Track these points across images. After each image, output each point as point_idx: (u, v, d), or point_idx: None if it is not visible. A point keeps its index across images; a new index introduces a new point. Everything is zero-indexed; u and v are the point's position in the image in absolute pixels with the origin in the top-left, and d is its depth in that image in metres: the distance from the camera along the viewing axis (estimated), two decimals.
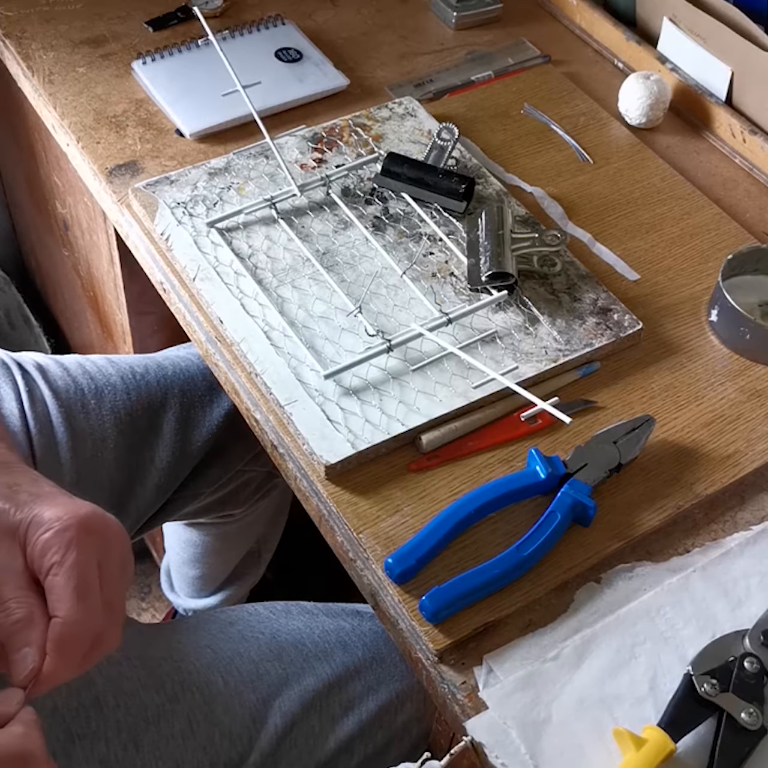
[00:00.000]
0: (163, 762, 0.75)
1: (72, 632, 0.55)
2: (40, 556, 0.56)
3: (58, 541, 0.56)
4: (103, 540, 0.58)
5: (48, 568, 0.56)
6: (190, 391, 0.98)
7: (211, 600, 1.29)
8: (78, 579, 0.55)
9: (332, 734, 0.80)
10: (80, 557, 0.56)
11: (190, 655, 0.80)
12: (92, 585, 0.56)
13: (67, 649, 0.55)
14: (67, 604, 0.55)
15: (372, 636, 0.86)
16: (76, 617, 0.55)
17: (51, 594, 0.55)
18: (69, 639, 0.55)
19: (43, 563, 0.56)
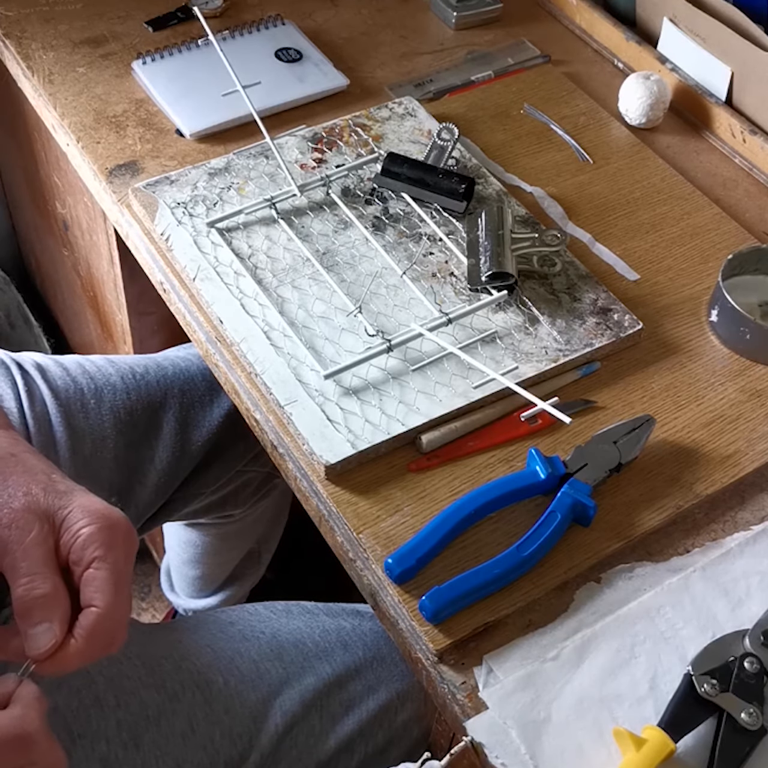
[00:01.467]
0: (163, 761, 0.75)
1: (105, 623, 0.57)
2: (81, 547, 0.57)
3: (102, 537, 0.58)
4: (132, 547, 0.61)
5: (90, 561, 0.57)
6: (189, 391, 0.98)
7: (211, 600, 1.29)
8: (117, 576, 0.57)
9: (333, 734, 0.80)
10: (120, 557, 0.58)
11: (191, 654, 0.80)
12: (127, 584, 0.59)
13: (96, 638, 0.57)
14: (107, 597, 0.57)
15: (372, 636, 0.86)
16: (111, 610, 0.57)
17: (89, 585, 0.57)
18: (100, 629, 0.57)
19: (84, 555, 0.57)
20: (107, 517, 0.59)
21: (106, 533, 0.58)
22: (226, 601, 1.29)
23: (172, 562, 1.31)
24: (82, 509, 0.59)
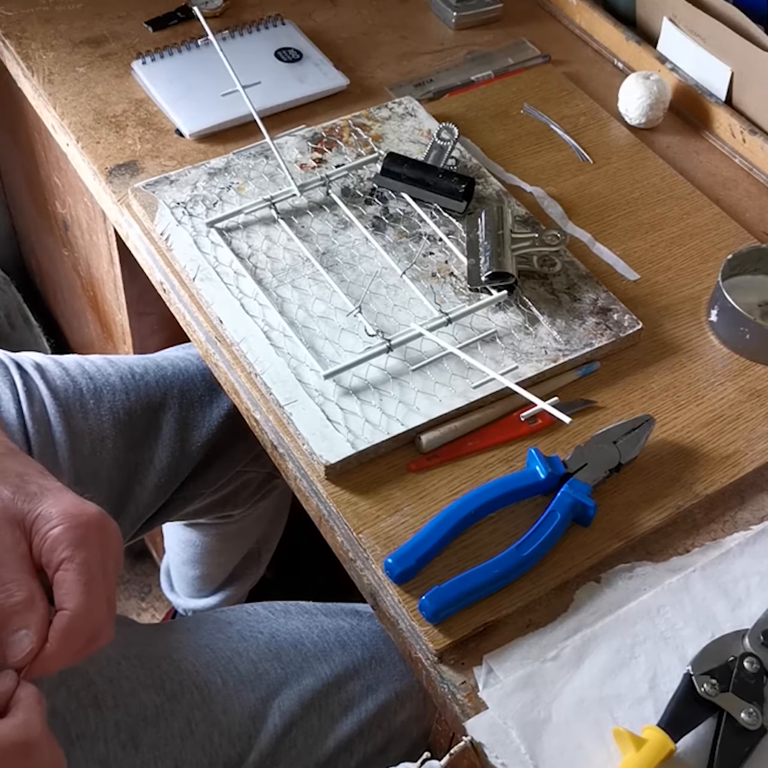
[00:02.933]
0: (162, 762, 0.75)
1: (78, 624, 0.56)
2: (50, 549, 0.57)
3: (69, 537, 0.57)
4: (107, 541, 0.60)
5: (58, 563, 0.57)
6: (189, 391, 0.98)
7: (210, 600, 1.29)
8: (88, 575, 0.57)
9: (332, 734, 0.80)
10: (90, 555, 0.57)
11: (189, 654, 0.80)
12: (99, 582, 0.58)
13: (70, 640, 0.56)
14: (77, 598, 0.56)
15: (371, 635, 0.86)
16: (83, 611, 0.56)
17: (60, 587, 0.57)
18: (74, 631, 0.56)
19: (53, 557, 0.57)
20: (75, 516, 0.58)
21: (73, 532, 0.57)
22: (226, 600, 1.29)
23: (171, 562, 1.31)
24: (52, 509, 0.58)
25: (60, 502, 0.59)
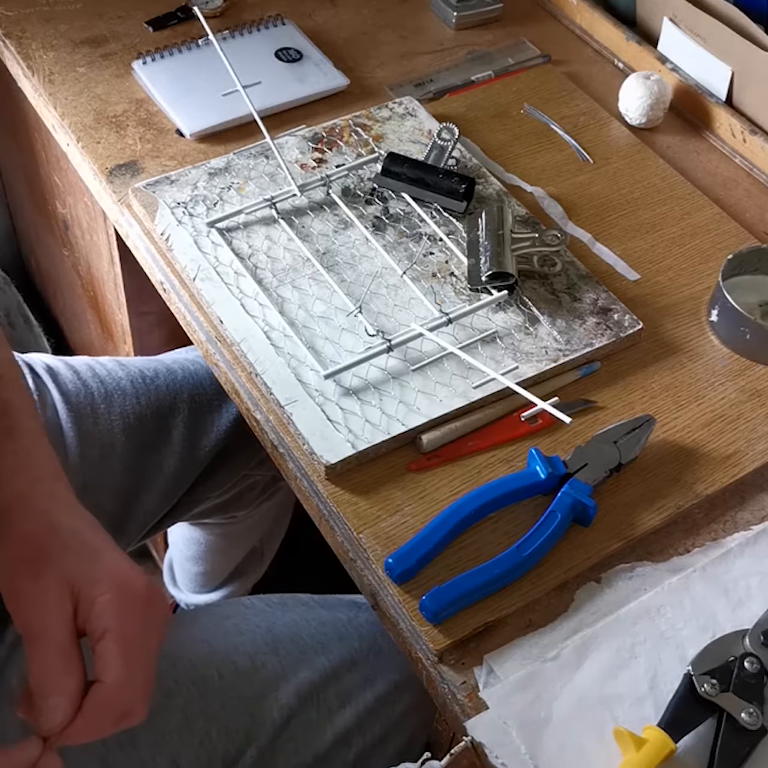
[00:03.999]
0: (160, 758, 0.74)
1: (113, 700, 0.55)
2: (97, 616, 0.56)
3: (115, 606, 0.56)
4: (153, 616, 0.59)
5: (102, 632, 0.55)
6: (199, 395, 0.98)
7: (213, 596, 1.29)
8: (130, 651, 0.56)
9: (330, 726, 0.80)
10: (134, 629, 0.56)
11: (186, 650, 0.79)
12: (140, 659, 0.57)
13: (102, 715, 0.55)
14: (116, 672, 0.55)
15: (369, 627, 0.85)
16: (120, 687, 0.55)
17: (100, 658, 0.55)
18: (108, 706, 0.55)
19: (97, 626, 0.56)
20: (123, 586, 0.57)
21: (120, 603, 0.56)
22: (228, 596, 1.29)
23: (175, 557, 1.31)
24: (101, 575, 0.57)
25: (111, 569, 0.57)
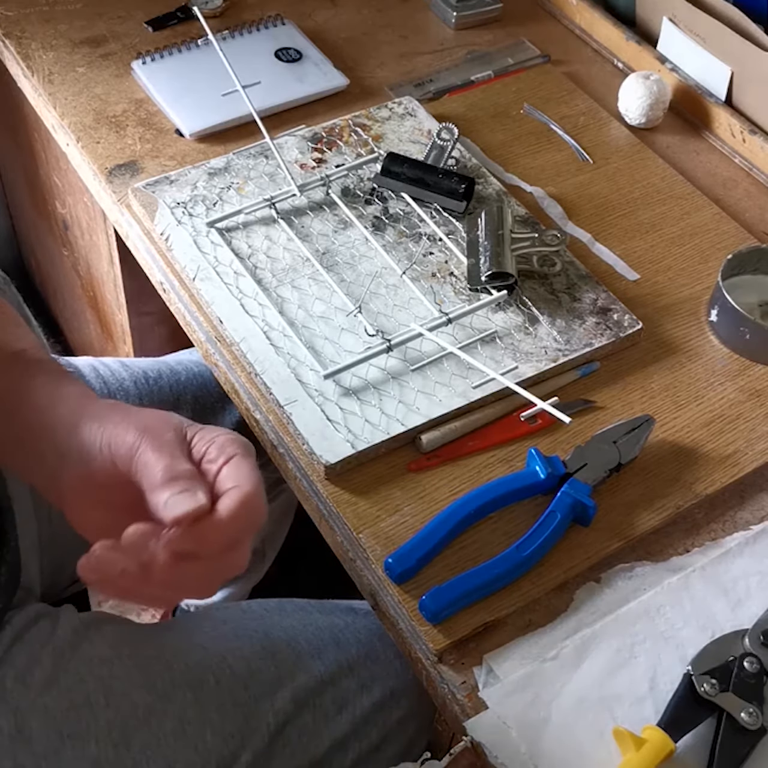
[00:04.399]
0: (154, 761, 0.74)
1: (251, 502, 0.55)
2: (221, 445, 0.57)
3: (238, 443, 0.58)
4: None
5: (231, 455, 0.57)
6: (202, 397, 0.98)
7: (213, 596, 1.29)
8: (257, 471, 0.57)
9: (326, 732, 0.80)
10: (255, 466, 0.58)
11: (182, 653, 0.79)
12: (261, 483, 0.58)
13: (241, 516, 0.55)
14: (254, 479, 0.56)
15: (366, 633, 0.85)
16: (257, 492, 0.56)
17: (235, 470, 0.56)
18: (246, 507, 0.55)
19: (225, 451, 0.57)
20: (238, 437, 0.59)
21: (240, 443, 0.58)
22: (230, 597, 1.29)
23: None
24: (212, 429, 0.59)
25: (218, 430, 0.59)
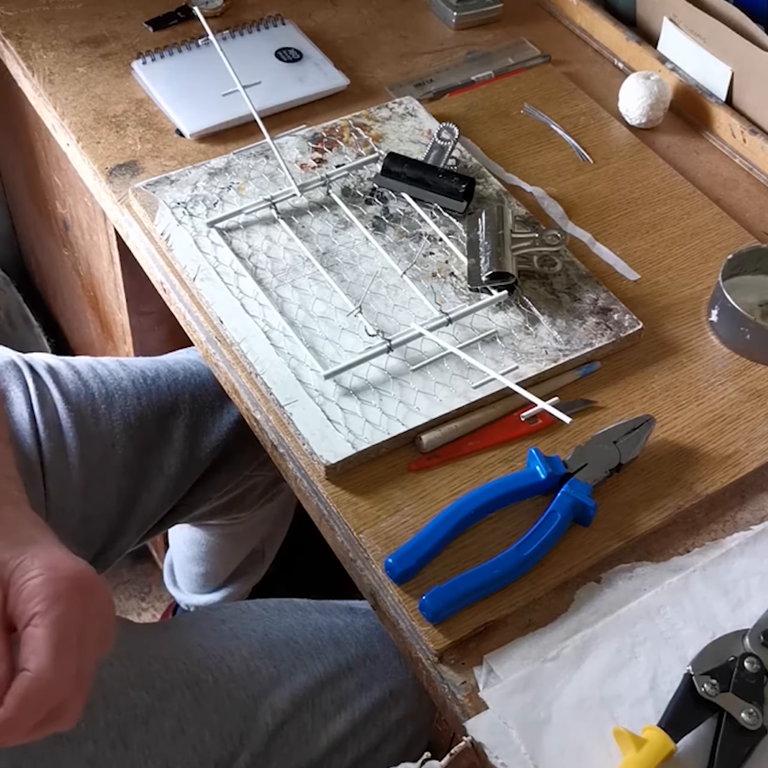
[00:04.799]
0: (152, 761, 0.74)
1: (38, 691, 0.50)
2: (24, 600, 0.52)
3: (46, 590, 0.52)
4: (90, 603, 0.55)
5: (30, 617, 0.52)
6: (200, 396, 0.98)
7: (213, 596, 1.29)
8: (58, 636, 0.52)
9: (324, 732, 0.80)
10: (66, 614, 0.52)
11: (181, 653, 0.79)
12: (71, 647, 0.52)
13: (27, 708, 0.50)
14: (42, 659, 0.51)
15: (365, 633, 0.85)
16: (47, 676, 0.51)
17: (26, 645, 0.51)
18: (33, 697, 0.50)
19: (26, 609, 0.52)
20: (60, 569, 0.53)
21: (53, 586, 0.52)
22: (229, 597, 1.29)
23: (175, 558, 1.31)
24: (34, 559, 0.53)
25: (45, 555, 0.54)
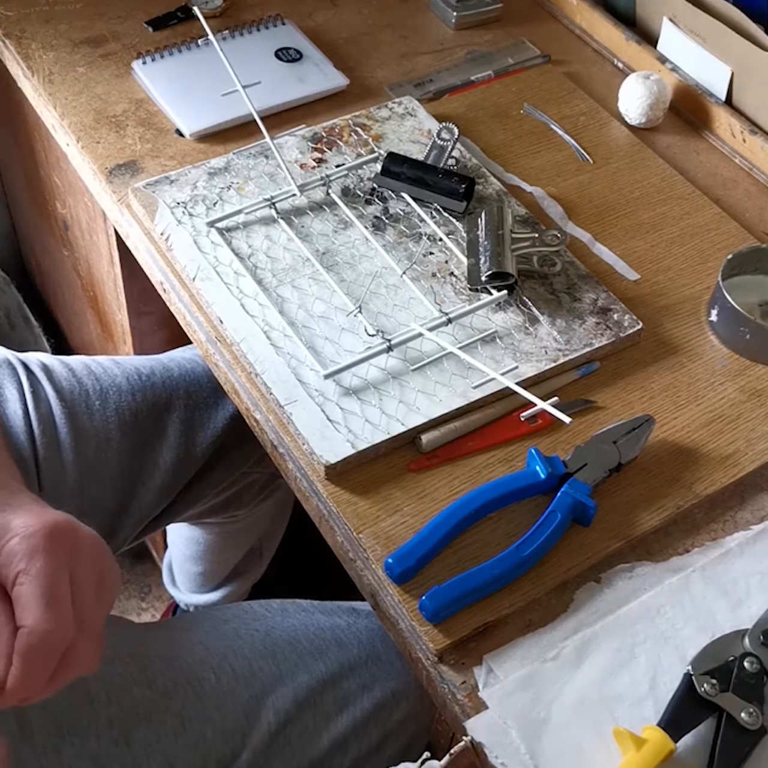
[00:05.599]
0: (154, 758, 0.74)
1: (40, 642, 0.51)
2: (6, 564, 0.53)
3: (24, 547, 0.53)
4: (73, 549, 0.55)
5: (14, 576, 0.53)
6: (195, 393, 0.98)
7: (212, 596, 1.29)
8: (45, 587, 0.52)
9: (326, 732, 0.80)
10: (47, 564, 0.53)
11: (183, 652, 0.79)
12: (61, 594, 0.53)
13: (34, 661, 0.51)
14: (35, 612, 0.52)
15: (368, 633, 0.85)
16: (44, 626, 0.51)
17: (18, 604, 0.52)
18: (36, 650, 0.51)
19: (10, 571, 0.53)
20: (31, 524, 0.53)
21: (28, 542, 0.53)
22: (228, 596, 1.29)
23: (174, 557, 1.31)
24: (12, 522, 0.54)
25: (21, 515, 0.54)
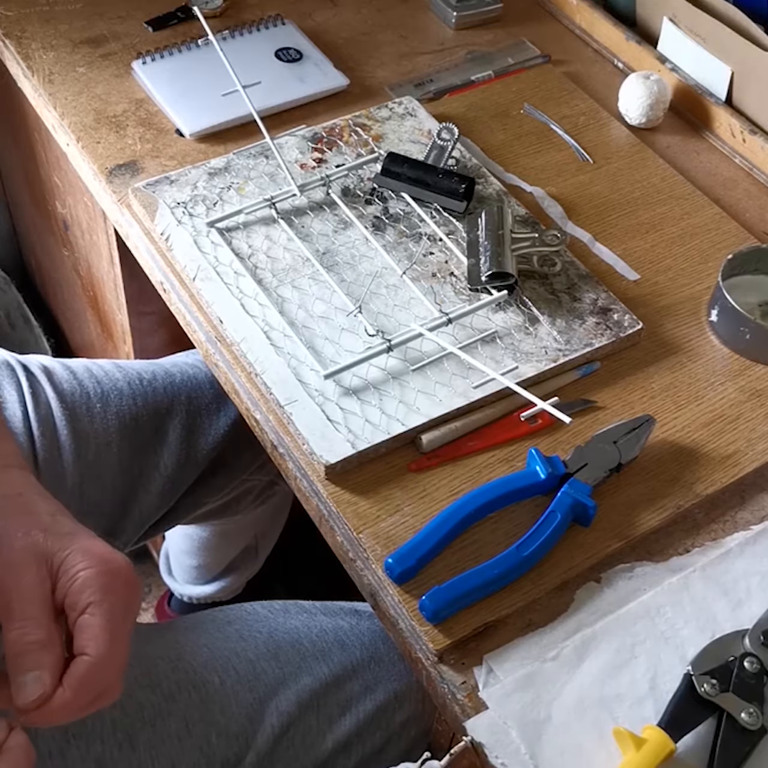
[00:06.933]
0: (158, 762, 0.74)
1: (96, 674, 0.55)
2: (77, 591, 0.56)
3: (99, 582, 0.56)
4: (133, 596, 0.59)
5: (85, 606, 0.55)
6: (197, 398, 0.98)
7: (207, 588, 1.30)
8: (113, 624, 0.56)
9: (329, 734, 0.80)
10: (116, 604, 0.56)
11: (187, 654, 0.80)
12: (123, 634, 0.56)
13: (85, 689, 0.55)
14: (101, 645, 0.55)
15: (370, 635, 0.85)
16: (104, 660, 0.55)
17: (83, 632, 0.55)
18: (91, 680, 0.55)
19: (80, 599, 0.56)
20: (107, 561, 0.57)
21: (104, 578, 0.56)
22: (223, 589, 1.30)
23: (170, 549, 1.32)
24: (83, 552, 0.57)
25: (93, 546, 0.58)
